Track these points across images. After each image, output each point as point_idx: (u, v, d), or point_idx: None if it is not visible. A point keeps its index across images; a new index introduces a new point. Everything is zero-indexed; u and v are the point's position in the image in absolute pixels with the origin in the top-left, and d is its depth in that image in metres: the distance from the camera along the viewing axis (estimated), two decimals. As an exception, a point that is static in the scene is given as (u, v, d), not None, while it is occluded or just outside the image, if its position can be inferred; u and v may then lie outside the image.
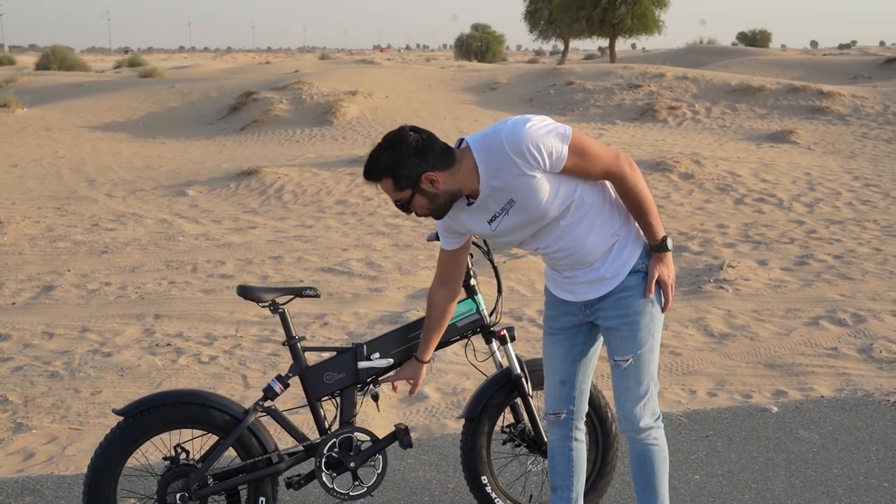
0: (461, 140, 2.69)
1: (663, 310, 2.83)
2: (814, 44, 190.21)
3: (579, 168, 2.62)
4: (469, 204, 2.72)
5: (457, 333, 3.33)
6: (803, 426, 4.43)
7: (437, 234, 3.55)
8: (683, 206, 10.15)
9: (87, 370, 5.32)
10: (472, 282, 3.35)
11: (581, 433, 3.11)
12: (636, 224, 2.81)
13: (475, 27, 64.71)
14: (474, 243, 3.51)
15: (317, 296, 3.23)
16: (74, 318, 6.37)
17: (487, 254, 3.43)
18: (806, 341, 5.79)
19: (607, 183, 2.78)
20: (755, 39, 64.90)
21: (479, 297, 3.36)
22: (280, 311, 3.19)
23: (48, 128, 18.76)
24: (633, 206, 2.73)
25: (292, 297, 3.21)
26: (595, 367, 3.09)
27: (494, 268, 3.42)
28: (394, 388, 3.26)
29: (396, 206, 2.71)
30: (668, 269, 2.79)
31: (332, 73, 24.40)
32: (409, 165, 2.59)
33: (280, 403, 4.20)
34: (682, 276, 7.43)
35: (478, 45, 63.17)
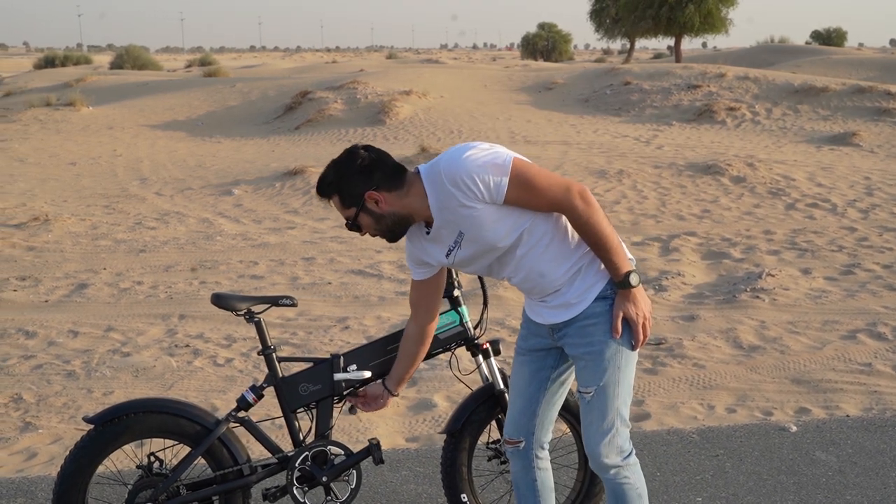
0: (417, 168, 2.65)
1: (633, 348, 2.65)
2: (893, 42, 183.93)
3: (524, 200, 2.51)
4: (427, 233, 2.68)
5: (439, 346, 3.23)
6: (821, 447, 4.21)
7: None
8: (731, 210, 9.85)
9: (103, 370, 5.37)
10: (456, 293, 3.25)
11: (544, 460, 3.00)
12: None
13: (541, 26, 64.11)
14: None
15: (294, 305, 3.18)
16: (101, 317, 6.46)
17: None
18: (839, 356, 5.53)
19: None
20: (830, 38, 62.88)
21: (464, 309, 3.26)
22: (255, 319, 3.14)
23: (111, 126, 19.21)
24: (589, 240, 2.57)
25: (268, 306, 3.16)
26: (563, 400, 2.97)
27: (481, 279, 3.32)
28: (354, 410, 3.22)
29: (346, 226, 2.71)
30: (635, 307, 2.60)
31: (389, 73, 24.46)
32: (353, 183, 2.60)
33: (270, 412, 4.19)
34: (718, 284, 7.20)
35: (543, 45, 62.58)
